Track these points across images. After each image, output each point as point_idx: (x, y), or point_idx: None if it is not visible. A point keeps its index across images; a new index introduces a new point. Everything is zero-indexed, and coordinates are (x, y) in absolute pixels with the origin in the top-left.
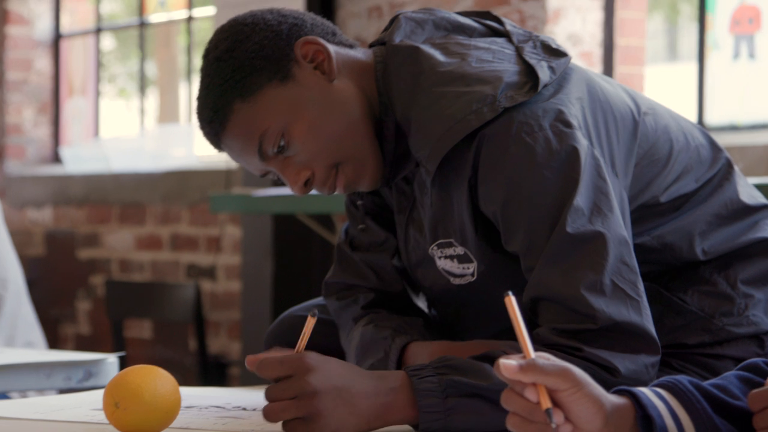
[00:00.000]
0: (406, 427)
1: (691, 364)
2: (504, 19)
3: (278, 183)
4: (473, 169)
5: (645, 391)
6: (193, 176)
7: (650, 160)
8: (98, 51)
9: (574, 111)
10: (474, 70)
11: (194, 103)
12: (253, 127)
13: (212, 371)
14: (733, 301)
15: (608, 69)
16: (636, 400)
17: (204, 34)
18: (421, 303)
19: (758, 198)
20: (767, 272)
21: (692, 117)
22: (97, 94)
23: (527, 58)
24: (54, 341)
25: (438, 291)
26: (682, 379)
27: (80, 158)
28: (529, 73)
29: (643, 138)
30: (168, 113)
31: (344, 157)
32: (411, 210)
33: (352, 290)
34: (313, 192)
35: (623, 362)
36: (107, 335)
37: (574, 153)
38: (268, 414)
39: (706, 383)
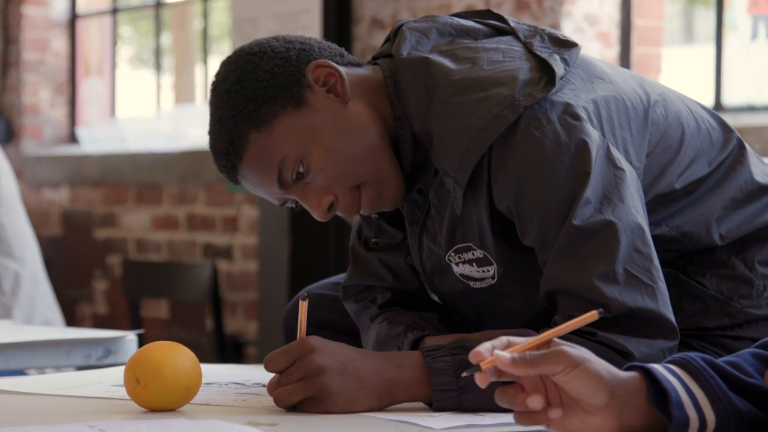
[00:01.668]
0: (421, 405)
1: (712, 345)
2: (506, 17)
3: (297, 212)
4: (488, 168)
5: (658, 367)
6: (210, 156)
7: (663, 148)
8: (114, 31)
9: (583, 103)
10: (487, 73)
11: (210, 84)
12: (270, 157)
13: (229, 351)
14: (752, 283)
15: (625, 50)
16: (649, 375)
17: (220, 14)
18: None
19: None
20: None
21: (710, 98)
22: (114, 74)
23: (538, 53)
24: (71, 321)
25: (457, 296)
26: (695, 356)
27: (97, 138)
28: (542, 67)
29: (654, 126)
30: (184, 94)
31: (365, 178)
32: (425, 220)
33: (369, 291)
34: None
35: (638, 347)
36: (124, 315)
37: (584, 146)
38: (278, 399)
39: (719, 360)
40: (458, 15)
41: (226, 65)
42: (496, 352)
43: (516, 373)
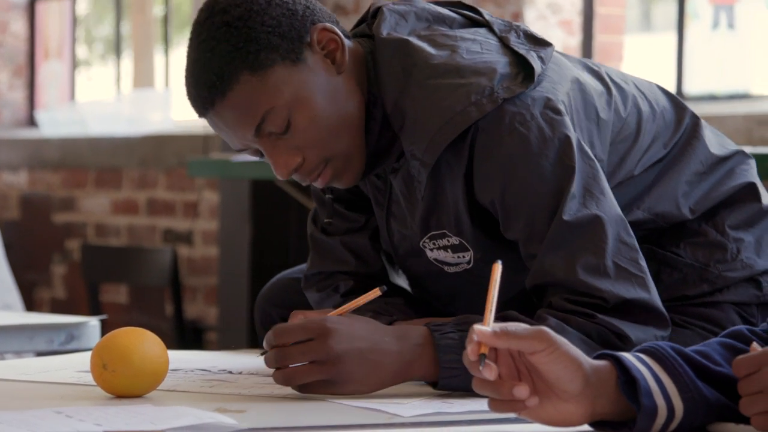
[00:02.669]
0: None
1: (692, 317)
2: (480, 9)
3: (258, 158)
4: (468, 160)
5: (627, 356)
6: (171, 141)
7: (623, 137)
8: (74, 14)
9: (561, 97)
10: (466, 62)
11: (171, 69)
12: (257, 103)
13: (189, 336)
14: (725, 247)
15: (587, 37)
16: (619, 363)
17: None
18: (401, 281)
19: (728, 145)
20: (752, 215)
21: (671, 87)
22: (73, 57)
23: (516, 48)
24: (29, 305)
25: (431, 279)
26: (664, 344)
27: (56, 122)
28: (518, 63)
29: (616, 115)
30: (143, 78)
31: (337, 151)
32: (389, 205)
33: (331, 279)
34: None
35: (634, 331)
36: (83, 299)
37: (567, 140)
38: (289, 378)
39: (688, 349)
40: (432, 2)
41: None
42: (476, 327)
43: (498, 345)
